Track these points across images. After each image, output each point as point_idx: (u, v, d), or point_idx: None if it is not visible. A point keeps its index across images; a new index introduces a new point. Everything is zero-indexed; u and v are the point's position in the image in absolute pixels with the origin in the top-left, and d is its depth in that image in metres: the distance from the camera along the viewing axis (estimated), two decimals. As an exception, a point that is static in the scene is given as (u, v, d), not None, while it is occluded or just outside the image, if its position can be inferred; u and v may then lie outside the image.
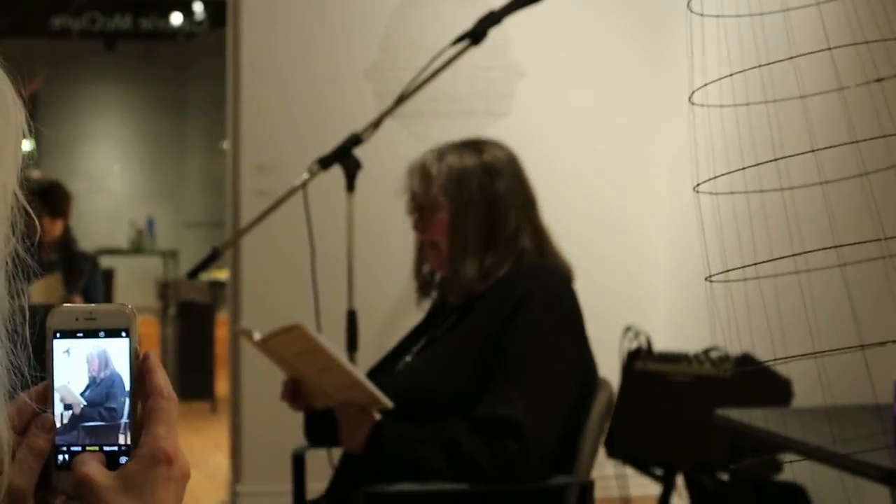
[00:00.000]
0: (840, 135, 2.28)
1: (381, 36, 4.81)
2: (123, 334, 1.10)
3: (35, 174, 6.24)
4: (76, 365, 1.10)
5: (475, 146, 3.08)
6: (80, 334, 1.10)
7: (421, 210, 3.08)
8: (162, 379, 1.10)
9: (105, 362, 1.10)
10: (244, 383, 4.72)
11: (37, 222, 1.06)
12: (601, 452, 3.22)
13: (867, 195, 2.06)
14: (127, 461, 1.07)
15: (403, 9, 4.81)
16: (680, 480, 3.98)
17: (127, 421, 1.09)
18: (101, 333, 1.10)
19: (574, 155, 4.87)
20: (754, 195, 2.07)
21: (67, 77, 15.50)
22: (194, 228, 15.79)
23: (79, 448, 1.08)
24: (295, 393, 3.04)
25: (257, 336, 2.90)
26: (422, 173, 3.07)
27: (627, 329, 3.96)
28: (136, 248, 13.75)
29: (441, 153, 3.07)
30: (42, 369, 1.08)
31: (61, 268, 5.89)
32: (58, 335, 1.10)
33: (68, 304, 1.12)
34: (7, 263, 1.03)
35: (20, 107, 1.03)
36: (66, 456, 1.08)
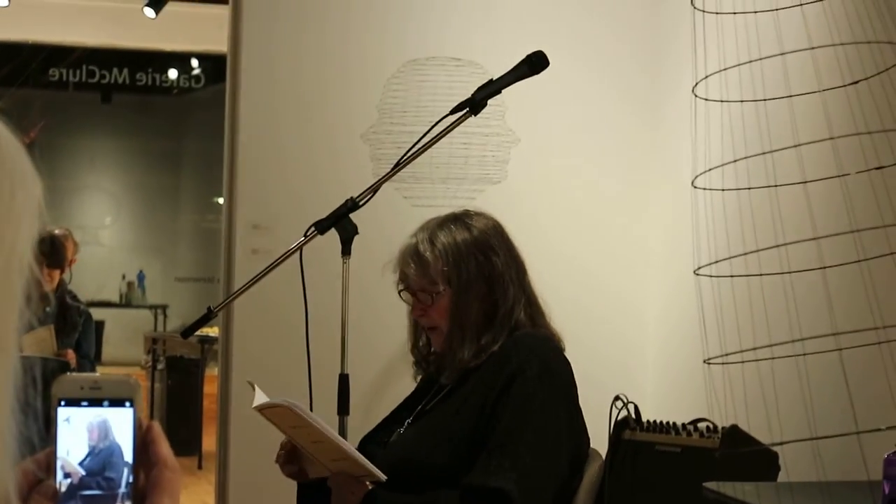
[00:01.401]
0: (840, 220, 2.29)
1: (379, 99, 4.83)
2: (127, 404, 1.11)
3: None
4: (76, 434, 1.10)
5: (462, 221, 3.07)
6: (85, 403, 1.11)
7: (419, 295, 3.07)
8: (166, 449, 1.10)
9: (105, 432, 1.11)
10: (232, 439, 4.70)
11: (44, 283, 1.07)
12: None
13: (866, 280, 2.07)
14: None
15: (400, 73, 4.84)
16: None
17: (125, 491, 1.10)
18: (106, 403, 1.11)
19: (567, 223, 4.88)
20: (754, 277, 2.08)
21: (63, 128, 15.52)
22: (185, 283, 15.76)
23: None
24: (289, 456, 3.03)
25: (258, 397, 2.88)
26: (416, 259, 3.04)
27: (616, 398, 3.95)
28: (127, 302, 13.72)
29: (432, 235, 3.05)
30: (47, 435, 1.08)
31: (54, 321, 5.88)
32: (63, 403, 1.10)
33: (74, 374, 1.12)
34: (22, 337, 1.03)
35: (38, 182, 1.04)
36: None
